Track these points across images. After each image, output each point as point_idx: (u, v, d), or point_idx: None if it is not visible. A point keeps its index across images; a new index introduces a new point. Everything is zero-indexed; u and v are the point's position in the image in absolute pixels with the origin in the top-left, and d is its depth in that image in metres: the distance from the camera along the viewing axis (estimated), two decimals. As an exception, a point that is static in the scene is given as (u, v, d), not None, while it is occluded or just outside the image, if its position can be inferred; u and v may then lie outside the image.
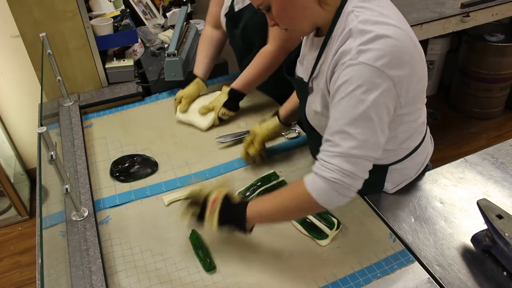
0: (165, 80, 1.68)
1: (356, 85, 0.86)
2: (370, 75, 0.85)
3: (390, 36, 0.86)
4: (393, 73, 0.86)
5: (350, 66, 0.86)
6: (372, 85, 0.85)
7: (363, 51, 0.85)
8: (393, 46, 0.85)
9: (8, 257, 2.37)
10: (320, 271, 1.03)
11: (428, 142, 1.20)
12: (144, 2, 2.16)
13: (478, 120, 3.11)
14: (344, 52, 0.88)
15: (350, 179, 0.89)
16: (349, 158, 0.88)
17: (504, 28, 2.88)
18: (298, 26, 0.96)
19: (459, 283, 0.97)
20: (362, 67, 0.85)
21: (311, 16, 0.93)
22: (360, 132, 0.87)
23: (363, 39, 0.85)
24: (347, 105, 0.87)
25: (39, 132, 0.98)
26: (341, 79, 0.88)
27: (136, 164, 1.36)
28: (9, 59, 2.33)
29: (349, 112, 0.87)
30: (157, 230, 1.17)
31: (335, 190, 0.90)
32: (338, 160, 0.89)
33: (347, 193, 0.91)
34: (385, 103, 0.87)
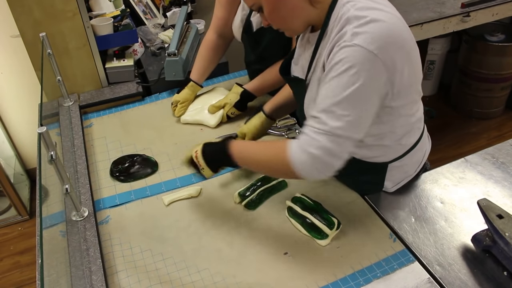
0: (165, 80, 1.68)
1: (348, 66, 0.86)
2: (363, 57, 0.85)
3: (385, 21, 0.87)
4: (387, 56, 0.86)
5: (345, 48, 0.87)
6: (364, 67, 0.86)
7: (358, 33, 0.86)
8: (388, 30, 0.87)
9: (8, 257, 2.37)
10: (320, 271, 1.03)
11: (425, 139, 1.21)
12: (144, 2, 2.16)
13: (478, 120, 3.10)
14: (340, 36, 0.89)
15: (332, 158, 0.91)
16: (334, 137, 0.90)
17: (504, 28, 2.87)
18: (289, 25, 0.97)
19: (459, 283, 0.97)
20: (356, 49, 0.85)
21: (302, 15, 0.94)
22: (348, 113, 0.89)
23: (358, 22, 0.87)
24: (338, 85, 0.88)
25: (39, 132, 0.98)
26: (335, 60, 0.89)
27: (136, 164, 1.36)
28: (9, 59, 2.33)
29: (339, 92, 0.88)
30: (157, 230, 1.16)
31: (315, 167, 0.92)
32: (323, 138, 0.90)
33: (325, 171, 0.93)
34: (375, 86, 0.89)
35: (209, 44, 1.60)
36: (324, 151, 0.90)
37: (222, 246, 1.11)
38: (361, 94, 0.88)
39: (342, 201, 1.20)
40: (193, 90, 1.59)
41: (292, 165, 0.94)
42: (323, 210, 1.14)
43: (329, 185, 1.25)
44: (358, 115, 0.90)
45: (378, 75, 0.88)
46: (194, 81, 1.59)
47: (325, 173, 0.93)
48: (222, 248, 1.10)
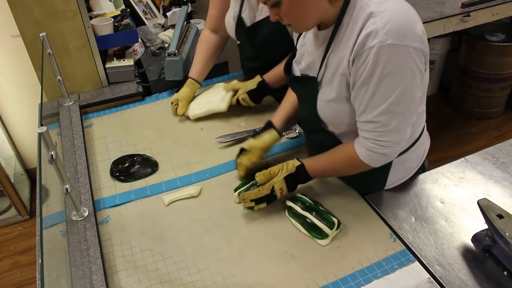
0: (165, 80, 1.68)
1: (391, 67, 0.90)
2: (400, 54, 0.90)
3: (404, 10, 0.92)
4: (417, 45, 0.91)
5: (383, 49, 0.89)
6: (407, 62, 0.91)
7: (389, 31, 0.88)
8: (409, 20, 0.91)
9: (8, 257, 2.37)
10: (320, 271, 1.03)
11: (425, 135, 1.22)
12: (145, 2, 2.16)
13: (478, 120, 3.10)
14: (369, 35, 0.90)
15: (398, 145, 1.03)
16: (399, 130, 0.99)
17: (504, 27, 2.87)
18: (304, 22, 0.97)
19: (459, 283, 0.97)
20: (393, 48, 0.89)
21: (319, 12, 0.95)
22: (406, 107, 0.96)
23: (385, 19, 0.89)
24: (391, 86, 0.93)
25: (39, 132, 0.98)
26: (373, 62, 0.91)
27: (136, 164, 1.36)
28: (9, 59, 2.33)
29: (393, 92, 0.93)
30: (157, 230, 1.16)
31: (389, 158, 1.06)
32: (390, 137, 1.00)
33: (395, 155, 1.06)
34: (417, 73, 0.94)
35: (205, 42, 1.61)
36: (394, 144, 1.01)
37: (222, 246, 1.11)
38: (410, 86, 0.94)
39: (342, 200, 1.20)
40: (192, 88, 1.59)
41: (370, 164, 1.06)
42: (323, 210, 1.13)
43: (329, 185, 1.25)
44: (413, 104, 0.98)
45: (416, 63, 0.92)
46: (192, 78, 1.59)
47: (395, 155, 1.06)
48: (222, 248, 1.10)
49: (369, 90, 0.94)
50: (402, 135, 1.00)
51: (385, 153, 1.02)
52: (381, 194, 1.21)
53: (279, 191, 1.14)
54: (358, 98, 0.98)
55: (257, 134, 1.29)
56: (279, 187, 1.14)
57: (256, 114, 1.58)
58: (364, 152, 1.04)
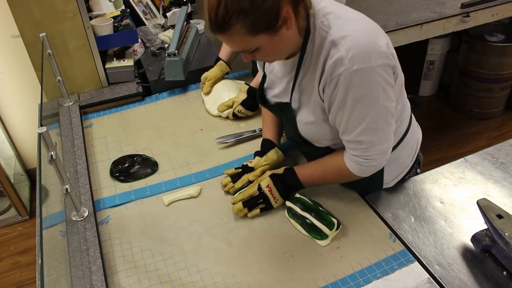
0: (165, 80, 1.68)
1: (362, 91, 0.93)
2: (371, 75, 0.92)
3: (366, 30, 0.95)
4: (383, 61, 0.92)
5: (350, 75, 0.92)
6: (376, 82, 0.93)
7: (353, 57, 0.90)
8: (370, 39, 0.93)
9: (8, 257, 2.37)
10: (320, 271, 1.03)
11: (415, 126, 1.24)
12: (144, 2, 2.15)
13: (478, 120, 3.10)
14: (335, 64, 0.93)
15: (386, 154, 1.05)
16: (382, 142, 1.02)
17: (504, 28, 2.88)
18: (280, 57, 1.02)
19: (459, 283, 0.97)
20: (360, 72, 0.91)
21: (293, 45, 0.99)
22: (384, 121, 0.99)
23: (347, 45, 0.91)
24: (365, 107, 0.95)
25: (39, 132, 0.98)
26: (344, 88, 0.94)
27: (136, 164, 1.36)
28: (9, 59, 2.33)
29: (369, 112, 0.96)
30: (157, 230, 1.17)
31: (379, 167, 1.09)
32: (375, 150, 1.03)
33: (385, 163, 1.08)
34: (387, 86, 0.96)
35: None
36: (381, 155, 1.04)
37: (222, 246, 1.11)
38: (385, 101, 0.96)
39: (342, 201, 1.20)
40: (222, 70, 1.64)
41: (360, 176, 1.09)
42: (322, 210, 1.14)
43: (329, 186, 1.25)
44: (390, 114, 1.00)
45: (385, 79, 0.94)
46: (223, 60, 1.63)
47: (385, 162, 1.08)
48: (222, 248, 1.11)
49: (345, 113, 0.98)
50: (386, 144, 1.03)
51: (374, 164, 1.06)
52: (381, 194, 1.21)
53: (266, 188, 1.15)
54: (336, 121, 1.02)
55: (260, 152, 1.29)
56: (266, 184, 1.16)
57: (256, 114, 1.58)
58: (354, 166, 1.07)
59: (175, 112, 1.62)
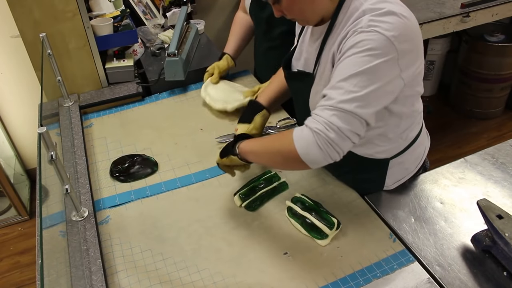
0: (165, 80, 1.68)
1: (364, 49, 0.88)
2: (379, 42, 0.87)
3: (399, 13, 0.90)
4: (400, 46, 0.88)
5: (362, 33, 0.89)
6: (379, 52, 0.87)
7: (375, 21, 0.88)
8: (402, 22, 0.89)
9: (8, 257, 2.37)
10: (320, 271, 1.03)
11: (424, 135, 1.22)
12: (144, 2, 2.15)
13: (478, 120, 3.10)
14: (356, 24, 0.91)
15: (335, 134, 0.87)
16: (338, 111, 0.88)
17: (504, 28, 2.88)
18: (306, 17, 0.98)
19: (459, 283, 0.97)
20: (374, 34, 0.88)
21: (319, 8, 0.96)
22: (356, 89, 0.87)
23: (375, 13, 0.89)
24: (350, 63, 0.89)
25: (39, 132, 0.98)
26: (350, 43, 0.90)
27: (136, 164, 1.36)
28: (9, 59, 2.33)
29: (350, 69, 0.89)
30: (157, 230, 1.17)
31: (316, 143, 0.88)
32: (326, 113, 0.89)
33: (328, 150, 0.88)
34: (389, 72, 0.89)
35: (238, 22, 1.71)
36: (326, 125, 0.88)
37: (222, 246, 1.11)
38: (371, 73, 0.87)
39: (342, 201, 1.20)
40: (228, 63, 1.66)
41: (295, 143, 0.91)
42: (323, 210, 1.14)
43: (329, 185, 1.25)
44: (367, 93, 0.87)
45: (392, 63, 0.89)
46: (229, 54, 1.66)
47: (329, 153, 0.89)
48: (222, 248, 1.11)
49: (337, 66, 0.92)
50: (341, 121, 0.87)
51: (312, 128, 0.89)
52: (381, 194, 1.21)
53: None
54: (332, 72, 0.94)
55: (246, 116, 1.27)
56: None
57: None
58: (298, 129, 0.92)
59: (175, 112, 1.62)
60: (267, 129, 1.48)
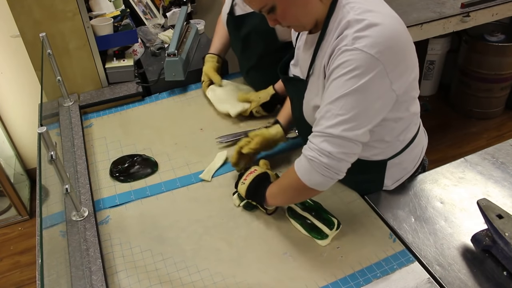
0: (165, 80, 1.68)
1: (348, 69, 0.88)
2: (364, 60, 0.86)
3: (384, 24, 0.88)
4: (386, 58, 0.87)
5: (345, 52, 0.88)
6: (363, 70, 0.87)
7: (358, 37, 0.87)
8: (387, 33, 0.88)
9: (8, 257, 2.37)
10: (320, 271, 1.03)
11: (422, 134, 1.22)
12: (144, 2, 2.16)
13: (478, 120, 3.10)
14: (341, 39, 0.90)
15: (328, 159, 0.91)
16: (327, 137, 0.91)
17: (504, 28, 2.88)
18: (301, 22, 0.97)
19: (459, 283, 0.97)
20: (357, 52, 0.87)
21: (312, 11, 0.95)
22: (340, 111, 0.89)
23: (359, 26, 0.88)
24: (336, 85, 0.90)
25: (39, 132, 0.98)
26: (335, 63, 0.90)
27: (136, 164, 1.36)
28: (9, 59, 2.33)
29: (336, 92, 0.90)
30: (157, 230, 1.17)
31: (315, 169, 0.93)
32: (317, 139, 0.92)
33: (327, 174, 0.92)
34: (377, 90, 0.89)
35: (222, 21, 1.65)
36: (319, 152, 0.92)
37: (222, 246, 1.11)
38: (360, 95, 0.88)
39: (342, 201, 1.20)
40: (212, 61, 1.62)
41: (297, 173, 0.96)
42: (323, 210, 1.14)
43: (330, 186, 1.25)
44: (355, 114, 0.89)
45: (380, 78, 0.88)
46: (210, 53, 1.63)
47: (330, 176, 0.93)
48: (222, 248, 1.11)
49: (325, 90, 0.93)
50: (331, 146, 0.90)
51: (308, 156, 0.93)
52: (381, 194, 1.21)
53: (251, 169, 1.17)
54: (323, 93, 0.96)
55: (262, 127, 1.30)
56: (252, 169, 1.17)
57: (256, 114, 1.58)
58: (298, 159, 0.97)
59: (175, 112, 1.62)
60: (267, 129, 1.48)
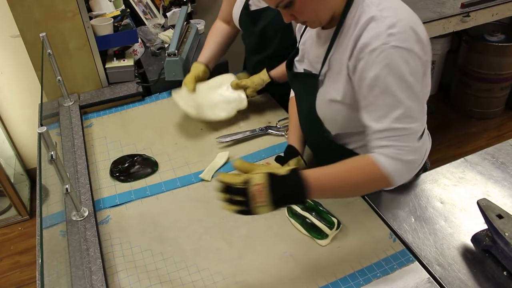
0: (165, 80, 1.68)
1: (397, 70, 0.89)
2: (405, 56, 0.89)
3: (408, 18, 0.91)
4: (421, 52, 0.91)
5: (384, 51, 0.88)
6: (409, 66, 0.89)
7: (393, 34, 0.88)
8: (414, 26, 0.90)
9: (8, 257, 2.37)
10: (320, 271, 1.03)
11: (426, 138, 1.21)
12: (144, 2, 2.16)
13: (478, 120, 3.11)
14: (372, 37, 0.90)
15: (420, 150, 0.96)
16: (418, 131, 0.94)
17: (504, 28, 2.88)
18: (319, 16, 0.96)
19: (459, 283, 0.97)
20: (396, 50, 0.88)
21: (330, 5, 0.95)
22: (419, 110, 0.94)
23: (385, 22, 0.89)
24: (397, 90, 0.90)
25: (39, 132, 0.98)
26: (379, 64, 0.89)
27: (136, 164, 1.36)
28: (9, 59, 2.33)
29: (403, 97, 0.90)
30: (157, 230, 1.17)
31: (411, 171, 0.96)
32: (411, 139, 0.93)
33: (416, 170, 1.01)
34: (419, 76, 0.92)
35: (215, 30, 1.65)
36: (414, 150, 0.93)
37: (222, 246, 1.11)
38: (417, 88, 0.92)
39: (342, 201, 1.20)
40: (196, 70, 1.55)
41: (391, 179, 0.94)
42: (323, 210, 1.14)
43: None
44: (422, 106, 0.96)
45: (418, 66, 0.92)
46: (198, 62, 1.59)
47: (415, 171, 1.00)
48: (222, 248, 1.11)
49: (378, 96, 0.92)
50: (419, 143, 0.94)
51: (409, 161, 0.93)
52: (381, 194, 1.21)
53: (255, 186, 0.87)
54: (367, 108, 0.95)
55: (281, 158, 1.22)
56: (257, 181, 0.87)
57: (256, 114, 1.58)
58: (386, 160, 0.92)
59: (175, 112, 1.62)
60: (267, 128, 1.48)
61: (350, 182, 0.95)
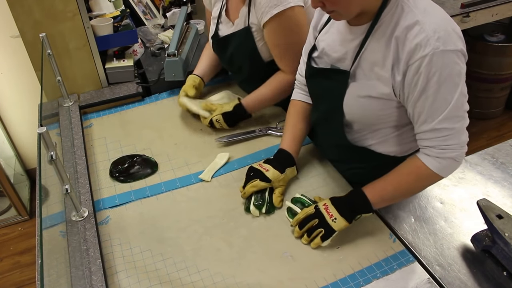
0: (165, 80, 1.68)
1: (449, 72, 0.91)
2: (456, 58, 0.91)
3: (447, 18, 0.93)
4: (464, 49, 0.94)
5: (437, 56, 0.90)
6: (458, 66, 0.92)
7: (440, 38, 0.90)
8: (453, 25, 0.93)
9: (8, 257, 2.37)
10: (320, 271, 1.03)
11: None
12: (144, 2, 2.16)
13: (478, 120, 3.11)
14: (421, 44, 0.91)
15: (464, 148, 0.99)
16: (462, 131, 0.97)
17: (504, 28, 2.88)
18: (351, 9, 0.96)
19: (459, 283, 0.97)
20: (448, 54, 0.90)
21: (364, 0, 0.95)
22: (464, 109, 0.96)
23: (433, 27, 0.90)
24: (449, 91, 0.93)
25: (39, 132, 0.98)
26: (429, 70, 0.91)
27: (136, 164, 1.36)
28: (9, 59, 2.33)
29: (452, 97, 0.93)
30: (157, 230, 1.17)
31: (457, 162, 1.00)
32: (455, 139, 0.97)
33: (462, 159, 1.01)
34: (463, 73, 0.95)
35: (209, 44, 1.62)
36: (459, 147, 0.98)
37: (222, 246, 1.11)
38: (464, 88, 0.94)
39: (342, 201, 1.20)
40: (193, 80, 1.57)
41: (440, 174, 1.00)
42: (323, 210, 1.14)
43: (329, 185, 1.25)
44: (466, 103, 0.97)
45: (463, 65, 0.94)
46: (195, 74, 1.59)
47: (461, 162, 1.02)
48: (222, 248, 1.11)
49: (428, 99, 0.94)
50: (464, 135, 0.98)
51: (453, 157, 0.98)
52: (381, 194, 1.21)
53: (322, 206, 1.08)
54: (416, 110, 0.98)
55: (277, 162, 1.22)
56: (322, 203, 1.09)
57: (256, 115, 1.57)
58: (432, 160, 0.99)
59: (175, 112, 1.62)
60: (267, 129, 1.48)
61: (401, 187, 1.05)
